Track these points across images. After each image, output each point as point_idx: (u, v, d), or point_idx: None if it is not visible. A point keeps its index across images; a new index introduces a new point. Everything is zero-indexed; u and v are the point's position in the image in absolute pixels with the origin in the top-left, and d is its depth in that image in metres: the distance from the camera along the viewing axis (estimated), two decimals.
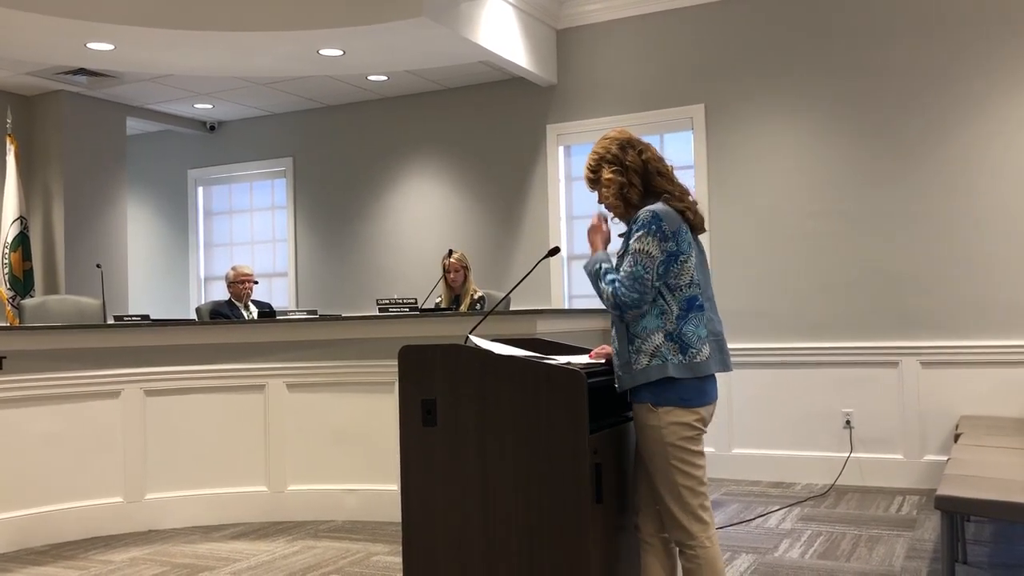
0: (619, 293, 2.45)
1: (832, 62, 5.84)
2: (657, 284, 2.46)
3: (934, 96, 5.57)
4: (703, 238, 2.69)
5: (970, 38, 5.49)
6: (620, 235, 2.60)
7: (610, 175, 2.57)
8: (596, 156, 2.62)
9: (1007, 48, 5.40)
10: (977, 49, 5.48)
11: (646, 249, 2.44)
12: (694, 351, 2.44)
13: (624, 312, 2.47)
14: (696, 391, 2.45)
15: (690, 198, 2.58)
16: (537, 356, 2.64)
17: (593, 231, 2.67)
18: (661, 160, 2.61)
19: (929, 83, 5.59)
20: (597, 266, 2.56)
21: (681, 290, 2.47)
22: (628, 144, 2.59)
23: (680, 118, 6.22)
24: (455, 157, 7.24)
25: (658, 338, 2.45)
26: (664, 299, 2.47)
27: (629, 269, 2.45)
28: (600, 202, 2.66)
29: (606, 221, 2.69)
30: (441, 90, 7.28)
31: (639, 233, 2.47)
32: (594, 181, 2.64)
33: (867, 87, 5.74)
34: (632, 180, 2.55)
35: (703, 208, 2.79)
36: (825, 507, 5.06)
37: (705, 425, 2.50)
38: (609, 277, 2.51)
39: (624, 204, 2.58)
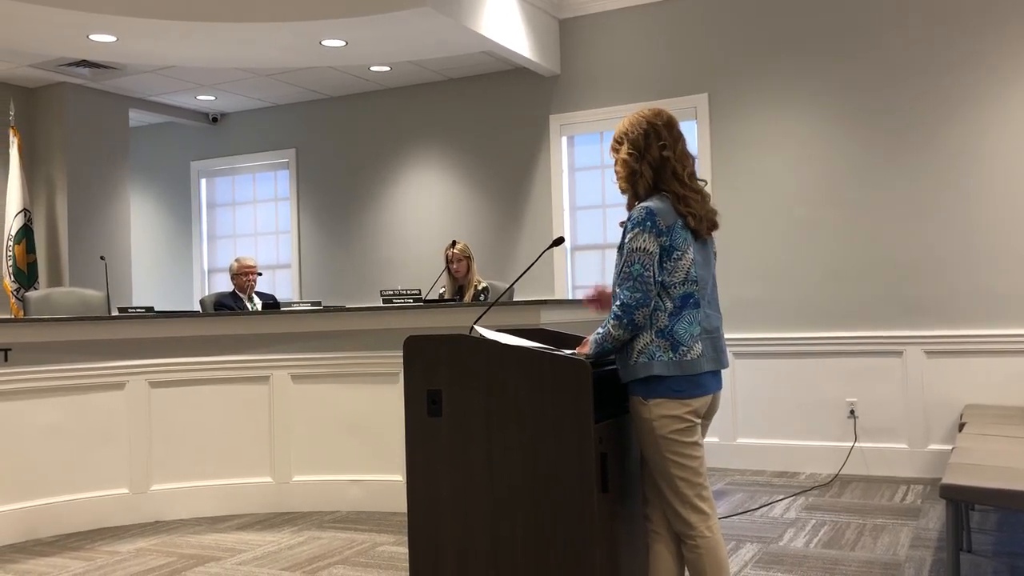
0: (623, 299, 2.41)
1: (836, 51, 5.81)
2: (659, 279, 2.43)
3: (943, 84, 5.55)
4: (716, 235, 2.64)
5: (976, 26, 5.46)
6: (621, 224, 2.56)
7: (625, 156, 2.54)
8: (623, 132, 2.57)
9: (1011, 37, 5.37)
10: (982, 37, 5.45)
11: (642, 247, 2.41)
12: (685, 348, 2.42)
13: (635, 315, 2.40)
14: (688, 383, 2.43)
15: (695, 202, 2.48)
16: (542, 347, 2.64)
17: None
18: (684, 160, 2.53)
19: (936, 71, 5.56)
20: (596, 340, 2.50)
21: (676, 287, 2.44)
22: (655, 134, 2.51)
23: (684, 107, 6.19)
24: (458, 148, 7.23)
25: (648, 336, 2.44)
26: (659, 296, 2.45)
27: (627, 270, 2.42)
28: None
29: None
30: (444, 80, 7.26)
31: (634, 231, 2.44)
32: (616, 151, 2.60)
33: (872, 76, 5.72)
34: (644, 172, 2.51)
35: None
36: (830, 496, 5.07)
37: (699, 417, 2.48)
38: (605, 323, 2.48)
39: (632, 190, 2.55)
